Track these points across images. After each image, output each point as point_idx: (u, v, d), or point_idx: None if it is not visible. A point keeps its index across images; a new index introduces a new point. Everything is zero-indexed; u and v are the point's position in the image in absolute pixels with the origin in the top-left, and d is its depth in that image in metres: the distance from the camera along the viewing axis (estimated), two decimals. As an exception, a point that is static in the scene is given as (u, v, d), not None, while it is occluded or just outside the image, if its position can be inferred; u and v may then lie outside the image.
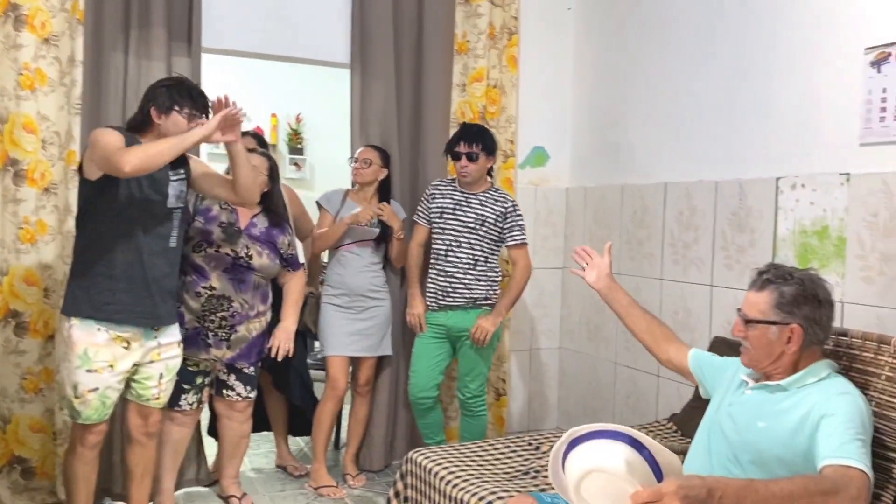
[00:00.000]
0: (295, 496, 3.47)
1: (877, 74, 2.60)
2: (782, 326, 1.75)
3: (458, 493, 2.34)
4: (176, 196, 2.70)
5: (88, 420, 2.60)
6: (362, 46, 3.67)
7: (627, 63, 3.86)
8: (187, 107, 2.62)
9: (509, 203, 3.42)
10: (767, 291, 1.78)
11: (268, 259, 3.11)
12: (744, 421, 1.81)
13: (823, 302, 1.77)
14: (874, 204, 2.62)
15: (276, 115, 6.74)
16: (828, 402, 1.67)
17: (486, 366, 3.48)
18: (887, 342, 1.79)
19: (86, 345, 2.54)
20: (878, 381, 1.79)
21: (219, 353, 3.07)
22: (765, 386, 1.82)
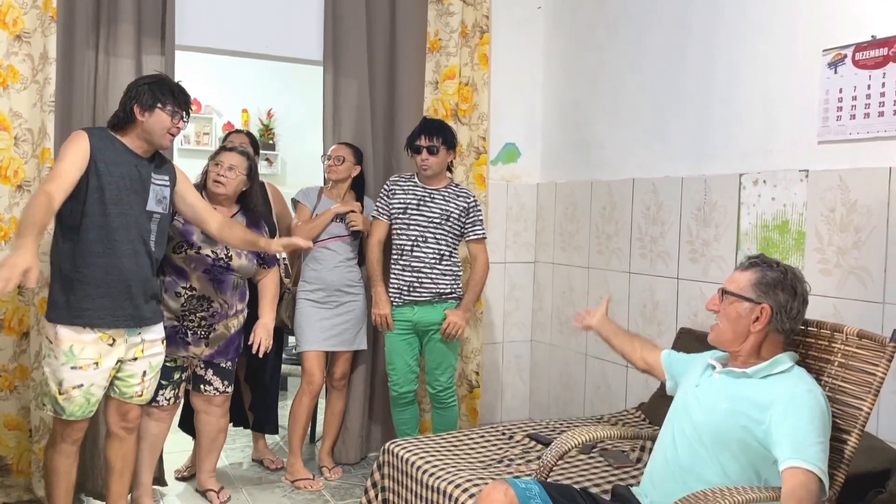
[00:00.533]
0: (272, 489, 3.51)
1: (833, 75, 2.72)
2: (754, 305, 1.85)
3: (434, 482, 2.41)
4: (157, 200, 2.71)
5: (72, 416, 2.60)
6: (335, 44, 3.71)
7: (596, 61, 3.95)
8: (170, 104, 2.64)
9: (471, 198, 3.49)
10: (751, 271, 1.90)
11: (246, 260, 3.14)
12: (709, 402, 1.89)
13: (798, 295, 1.86)
14: (831, 199, 2.74)
15: (248, 111, 6.75)
16: (793, 399, 1.75)
17: (455, 357, 3.55)
18: (840, 330, 1.89)
19: (71, 342, 2.55)
20: (831, 368, 1.88)
21: (197, 351, 3.10)
22: (730, 372, 1.92)
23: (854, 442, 1.76)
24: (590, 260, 3.96)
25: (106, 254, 2.58)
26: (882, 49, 2.57)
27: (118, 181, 2.59)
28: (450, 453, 2.64)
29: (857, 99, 2.65)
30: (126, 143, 2.65)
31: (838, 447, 1.77)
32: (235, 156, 3.17)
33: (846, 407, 1.80)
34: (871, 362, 1.79)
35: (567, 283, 4.14)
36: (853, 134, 2.66)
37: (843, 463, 1.76)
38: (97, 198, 2.55)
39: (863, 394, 1.78)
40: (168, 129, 2.65)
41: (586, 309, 2.59)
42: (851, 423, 1.77)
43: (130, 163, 2.64)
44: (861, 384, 1.79)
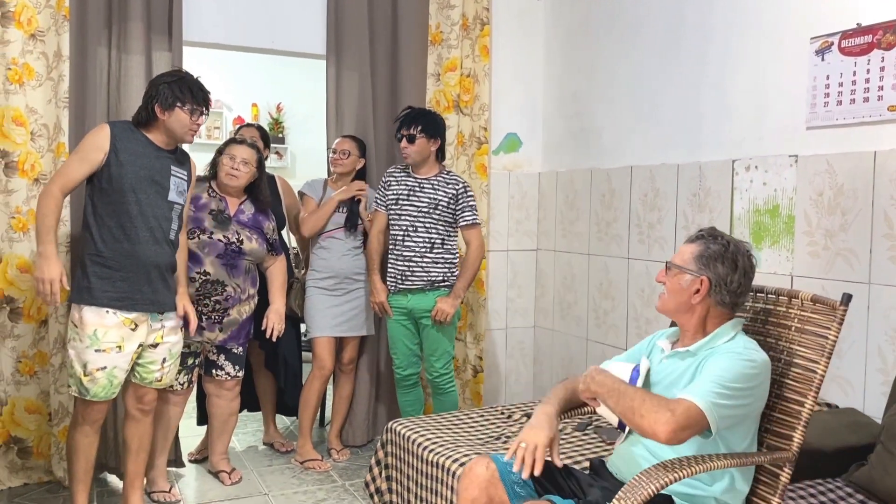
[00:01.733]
0: (282, 470, 3.64)
1: (821, 62, 2.79)
2: (694, 277, 1.88)
3: (434, 458, 2.52)
4: (178, 192, 2.85)
5: (96, 397, 2.73)
6: (338, 38, 3.81)
7: (594, 52, 4.02)
8: (189, 102, 2.77)
9: (460, 185, 3.51)
10: (695, 244, 1.92)
11: (257, 244, 3.27)
12: (661, 389, 1.92)
13: (740, 269, 1.87)
14: (819, 184, 2.81)
15: (257, 105, 6.86)
16: (710, 360, 1.80)
17: (450, 344, 3.59)
18: (796, 296, 1.93)
19: (95, 326, 2.68)
20: (789, 333, 1.93)
21: (211, 336, 3.22)
22: (676, 353, 1.94)
23: (811, 403, 1.81)
24: (590, 247, 4.05)
25: (126, 240, 2.71)
26: (867, 36, 2.63)
27: (139, 171, 2.73)
28: (449, 431, 2.75)
29: (843, 85, 2.72)
30: (150, 137, 2.79)
31: (796, 409, 1.83)
32: (247, 149, 3.29)
33: (803, 370, 1.85)
34: (824, 325, 1.84)
35: (568, 270, 4.23)
36: (840, 119, 2.73)
37: (801, 424, 1.81)
38: (118, 186, 2.69)
39: (817, 356, 1.83)
40: (189, 127, 2.79)
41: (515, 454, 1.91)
42: (808, 386, 1.82)
43: (152, 155, 2.78)
44: (816, 347, 1.84)
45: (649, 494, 1.62)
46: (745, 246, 1.93)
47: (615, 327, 3.87)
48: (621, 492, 1.65)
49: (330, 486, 3.44)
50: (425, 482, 2.55)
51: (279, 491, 3.38)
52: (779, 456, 1.82)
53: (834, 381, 2.76)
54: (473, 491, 1.97)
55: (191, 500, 3.27)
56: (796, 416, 1.82)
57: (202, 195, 3.25)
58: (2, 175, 3.16)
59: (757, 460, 1.82)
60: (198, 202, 3.23)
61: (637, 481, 1.65)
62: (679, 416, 1.68)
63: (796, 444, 1.81)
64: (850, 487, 2.25)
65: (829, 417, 2.51)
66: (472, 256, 3.54)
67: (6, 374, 3.23)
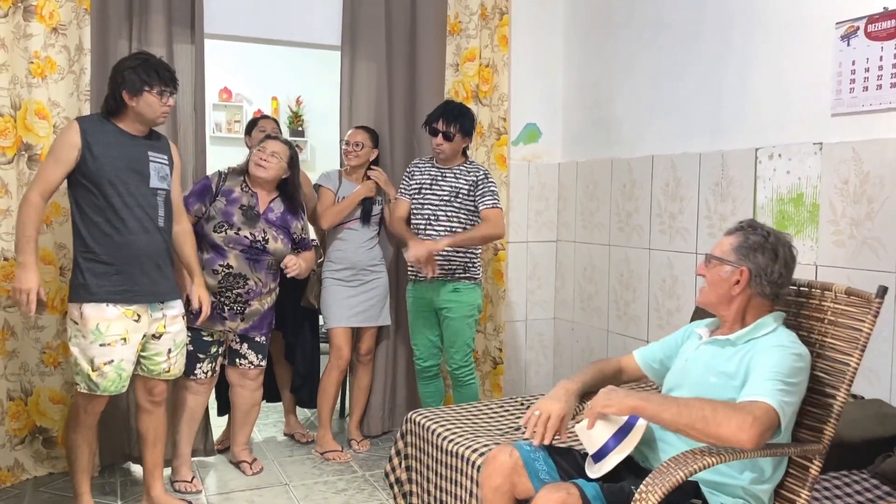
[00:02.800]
0: (302, 461, 3.65)
1: (846, 48, 2.73)
2: (734, 268, 1.86)
3: (453, 448, 2.51)
4: (159, 177, 2.82)
5: (106, 391, 2.72)
6: (353, 28, 3.80)
7: (614, 41, 3.99)
8: (156, 84, 2.73)
9: (481, 172, 3.49)
10: (735, 236, 1.91)
11: (282, 244, 3.28)
12: (696, 375, 1.91)
13: (781, 259, 1.86)
14: (845, 171, 2.76)
15: (277, 98, 6.88)
16: (765, 353, 1.78)
17: (470, 336, 3.54)
18: (829, 289, 1.91)
19: (97, 320, 2.67)
20: (822, 325, 1.90)
21: (233, 325, 3.25)
22: (716, 341, 1.93)
23: (842, 397, 1.79)
24: (610, 237, 4.02)
25: (115, 233, 2.70)
26: (894, 20, 2.58)
27: (115, 162, 2.70)
28: (469, 422, 2.74)
29: (869, 71, 2.67)
30: (121, 126, 2.76)
31: (828, 402, 1.81)
32: (279, 144, 3.30)
33: (835, 363, 1.83)
34: (858, 318, 1.81)
35: (588, 261, 4.20)
36: (866, 106, 2.68)
37: (832, 417, 1.80)
38: (97, 181, 2.68)
39: (850, 349, 1.81)
40: (159, 110, 2.76)
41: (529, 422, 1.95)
42: (840, 379, 1.80)
43: (127, 144, 2.75)
44: (849, 340, 1.82)
45: (678, 480, 1.61)
46: (787, 237, 1.91)
47: (636, 319, 3.84)
48: (650, 477, 1.63)
49: (350, 477, 3.45)
50: (445, 472, 2.55)
51: (300, 481, 3.39)
52: (809, 448, 1.80)
53: (860, 371, 2.69)
54: (497, 479, 1.96)
55: (212, 490, 3.30)
56: (828, 409, 1.80)
57: (235, 189, 3.25)
58: (25, 168, 3.19)
59: (787, 452, 1.79)
60: (230, 196, 3.23)
61: (666, 467, 1.64)
62: (761, 419, 1.64)
63: (827, 438, 1.79)
64: (876, 479, 2.22)
65: (855, 409, 2.47)
66: (484, 225, 3.41)
67: (31, 364, 3.27)
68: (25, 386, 3.27)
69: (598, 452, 1.86)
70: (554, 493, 1.74)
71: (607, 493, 1.77)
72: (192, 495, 3.22)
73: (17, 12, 3.13)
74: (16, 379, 3.24)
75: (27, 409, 3.28)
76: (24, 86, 3.16)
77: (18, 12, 3.13)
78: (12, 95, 3.14)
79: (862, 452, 2.30)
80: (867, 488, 2.17)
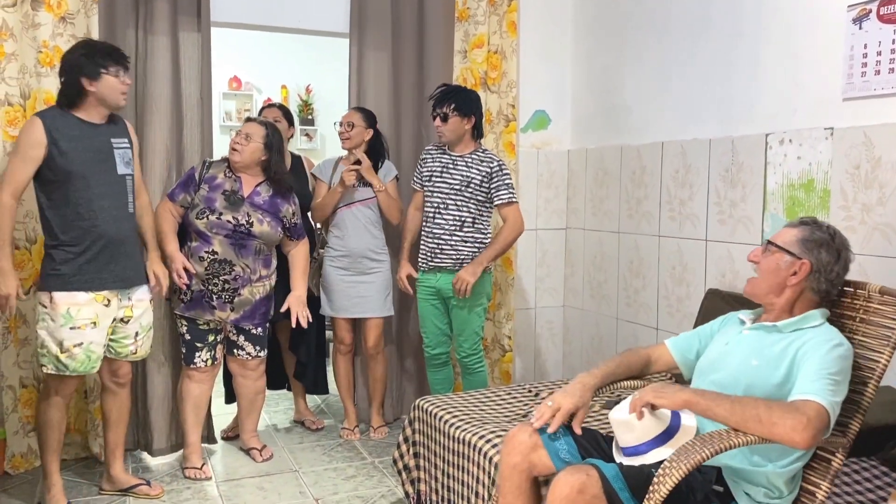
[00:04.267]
0: (312, 448, 3.67)
1: (858, 31, 2.70)
2: (795, 259, 1.87)
3: (461, 434, 2.52)
4: (124, 163, 2.86)
5: (76, 372, 2.78)
6: (361, 16, 3.78)
7: (624, 26, 3.95)
8: (112, 65, 2.75)
9: (495, 163, 3.45)
10: (800, 229, 1.92)
11: (269, 227, 3.23)
12: (738, 358, 1.91)
13: (842, 260, 1.89)
14: (856, 156, 2.73)
15: (287, 87, 6.88)
16: (814, 349, 1.78)
17: (478, 324, 3.54)
18: (863, 287, 1.92)
19: (67, 305, 2.72)
20: (853, 323, 1.92)
21: (223, 315, 3.24)
22: (762, 326, 1.94)
23: (871, 393, 1.81)
24: (620, 225, 4.00)
25: (87, 222, 2.73)
26: (907, 2, 2.54)
27: (83, 155, 2.73)
28: (476, 409, 2.74)
29: (881, 54, 2.63)
30: (81, 116, 2.77)
31: (856, 398, 1.82)
32: (254, 125, 3.27)
33: (864, 360, 1.84)
34: (890, 317, 1.83)
35: (598, 249, 4.18)
36: (878, 90, 2.64)
37: (860, 412, 1.81)
38: (67, 174, 2.70)
39: (881, 347, 1.82)
40: (120, 90, 2.78)
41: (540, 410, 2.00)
42: (868, 375, 1.82)
43: (91, 135, 2.77)
44: (880, 338, 1.83)
45: (702, 459, 1.61)
46: (847, 241, 1.93)
47: (646, 306, 3.82)
48: (675, 454, 1.64)
49: (359, 463, 3.46)
50: (453, 459, 2.56)
51: (309, 468, 3.41)
52: (834, 441, 1.81)
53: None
54: (515, 457, 1.98)
55: (222, 477, 3.33)
56: (856, 405, 1.82)
57: (218, 175, 3.24)
58: (35, 157, 3.20)
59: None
60: (213, 182, 3.22)
61: (692, 444, 1.64)
62: (815, 420, 1.65)
63: (852, 432, 1.81)
64: (886, 466, 2.21)
65: (864, 395, 2.46)
66: (504, 231, 3.47)
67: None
68: (38, 374, 3.29)
69: (633, 448, 1.84)
70: (574, 474, 1.75)
71: (627, 473, 1.77)
72: (203, 482, 3.25)
73: (25, 2, 3.14)
74: (28, 366, 3.27)
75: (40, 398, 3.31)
76: (33, 75, 3.17)
77: (27, 2, 3.14)
78: (21, 85, 3.15)
79: (871, 439, 2.28)
80: (876, 475, 2.16)
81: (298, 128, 6.87)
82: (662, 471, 1.61)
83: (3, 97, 3.10)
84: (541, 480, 2.01)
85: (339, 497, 3.10)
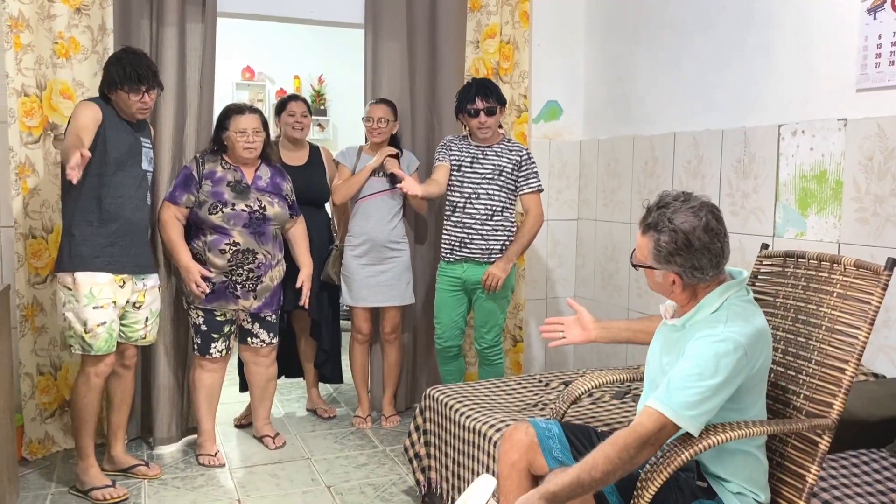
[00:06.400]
0: (324, 436, 3.71)
1: (872, 21, 2.68)
2: (664, 272, 1.77)
3: (470, 423, 2.54)
4: (148, 160, 3.04)
5: (100, 351, 2.90)
6: (375, 6, 3.79)
7: (636, 16, 3.94)
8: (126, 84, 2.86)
9: (524, 152, 3.48)
10: (647, 238, 1.78)
11: (279, 207, 3.31)
12: (656, 356, 1.91)
13: (699, 246, 1.71)
14: (869, 148, 2.72)
15: (299, 77, 6.89)
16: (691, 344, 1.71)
17: (502, 317, 3.56)
18: (839, 262, 1.88)
19: (90, 285, 2.86)
20: (831, 299, 1.88)
21: (246, 304, 3.28)
22: (665, 325, 1.90)
23: (852, 371, 1.77)
24: (632, 216, 3.99)
25: (117, 209, 2.89)
26: (922, -8, 2.52)
27: (120, 146, 2.89)
28: (486, 398, 2.76)
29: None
30: (118, 112, 2.93)
31: (837, 377, 1.80)
32: (254, 118, 3.27)
33: (845, 336, 1.81)
34: (867, 291, 1.79)
35: (609, 240, 4.19)
36: (892, 81, 2.63)
37: (842, 392, 1.78)
38: (103, 161, 2.85)
39: (859, 323, 1.78)
40: (135, 107, 2.91)
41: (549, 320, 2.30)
42: (849, 353, 1.78)
43: (126, 129, 2.94)
44: (858, 314, 1.79)
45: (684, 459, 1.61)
46: (692, 205, 1.74)
47: (657, 297, 3.80)
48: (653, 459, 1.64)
49: (371, 451, 3.50)
50: (463, 447, 2.58)
51: (321, 455, 3.45)
52: (818, 423, 1.79)
53: (882, 351, 2.70)
54: (514, 455, 1.98)
55: (236, 464, 3.37)
56: (837, 384, 1.78)
57: (216, 169, 3.25)
58: (51, 147, 3.24)
59: (796, 427, 1.79)
60: (213, 176, 3.23)
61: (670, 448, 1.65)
62: (651, 433, 1.62)
63: (836, 412, 1.77)
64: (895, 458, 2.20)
65: (875, 388, 2.46)
66: (530, 223, 3.49)
67: (59, 340, 3.34)
68: (55, 361, 3.35)
69: None
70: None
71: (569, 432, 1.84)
72: (216, 469, 3.29)
73: (41, -7, 3.17)
74: (45, 354, 3.32)
75: (56, 384, 3.36)
76: (50, 66, 3.21)
77: (43, -7, 3.17)
78: (38, 76, 3.18)
79: (881, 431, 2.29)
80: (885, 467, 2.15)
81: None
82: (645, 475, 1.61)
83: (19, 87, 3.14)
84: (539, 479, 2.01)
85: (350, 484, 3.14)
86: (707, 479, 1.80)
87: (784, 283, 2.04)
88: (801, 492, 1.82)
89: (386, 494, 3.04)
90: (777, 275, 2.08)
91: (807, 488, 1.80)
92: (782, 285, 2.05)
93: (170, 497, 3.02)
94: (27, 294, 3.23)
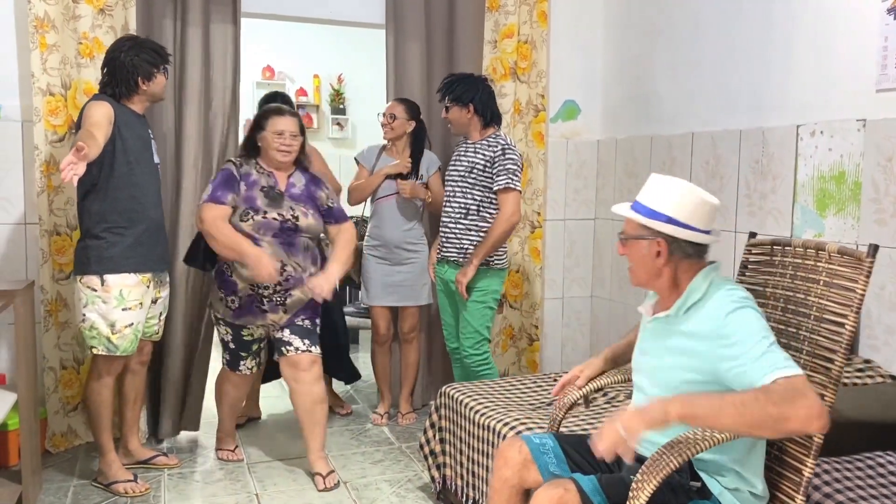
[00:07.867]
0: (341, 432, 3.75)
1: (893, 21, 2.66)
2: (650, 241, 1.80)
3: (485, 421, 2.56)
4: (155, 152, 3.07)
5: (125, 352, 2.93)
6: (396, 7, 3.82)
7: (655, 16, 3.93)
8: (161, 64, 2.96)
9: (499, 147, 3.28)
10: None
11: (312, 219, 3.07)
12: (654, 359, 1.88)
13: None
14: (889, 149, 2.70)
15: (319, 76, 6.94)
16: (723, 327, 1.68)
17: (481, 323, 3.35)
18: (823, 248, 1.85)
19: (120, 287, 2.88)
20: (817, 287, 1.86)
21: (275, 318, 3.07)
22: (657, 319, 1.87)
23: (840, 361, 1.74)
24: (649, 215, 3.99)
25: (139, 207, 2.92)
26: (943, -8, 2.50)
27: (135, 142, 2.91)
28: (501, 397, 2.78)
29: (916, 45, 2.59)
30: (130, 107, 2.95)
31: (826, 367, 1.77)
32: (292, 121, 3.08)
33: (832, 325, 1.79)
34: (851, 279, 1.76)
35: (627, 239, 4.18)
36: (912, 81, 2.61)
37: (832, 382, 1.75)
38: (123, 159, 2.87)
39: (845, 311, 1.76)
40: (164, 85, 3.00)
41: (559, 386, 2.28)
42: (837, 342, 1.76)
43: (138, 124, 2.97)
44: (843, 302, 1.77)
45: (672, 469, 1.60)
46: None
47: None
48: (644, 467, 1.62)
49: (387, 448, 3.53)
50: (477, 445, 2.60)
51: (338, 452, 3.48)
52: None
53: (900, 352, 2.68)
54: (507, 472, 2.01)
55: (254, 459, 3.41)
56: (827, 374, 1.76)
57: (252, 172, 3.06)
58: (75, 146, 3.30)
59: None
60: (248, 179, 3.03)
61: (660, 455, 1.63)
62: (814, 396, 1.54)
63: (827, 403, 1.74)
64: (911, 460, 2.19)
65: (891, 389, 2.45)
66: (495, 224, 3.26)
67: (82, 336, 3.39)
68: (77, 356, 3.41)
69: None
70: (552, 489, 1.75)
71: (605, 485, 1.75)
72: (235, 464, 3.34)
73: (66, -6, 3.23)
74: (68, 349, 3.38)
75: (79, 378, 3.42)
76: (74, 66, 3.26)
77: (67, -6, 3.23)
78: (62, 75, 3.24)
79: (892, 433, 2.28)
80: (901, 469, 2.14)
81: (330, 117, 6.95)
82: (636, 484, 1.60)
83: (45, 87, 3.20)
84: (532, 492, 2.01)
85: (366, 480, 3.17)
86: (701, 477, 1.80)
87: (773, 272, 2.02)
88: (798, 485, 1.80)
89: (401, 490, 3.07)
90: (765, 264, 2.06)
91: (804, 482, 1.79)
92: (771, 275, 2.03)
93: (189, 490, 3.07)
94: (51, 290, 3.29)
